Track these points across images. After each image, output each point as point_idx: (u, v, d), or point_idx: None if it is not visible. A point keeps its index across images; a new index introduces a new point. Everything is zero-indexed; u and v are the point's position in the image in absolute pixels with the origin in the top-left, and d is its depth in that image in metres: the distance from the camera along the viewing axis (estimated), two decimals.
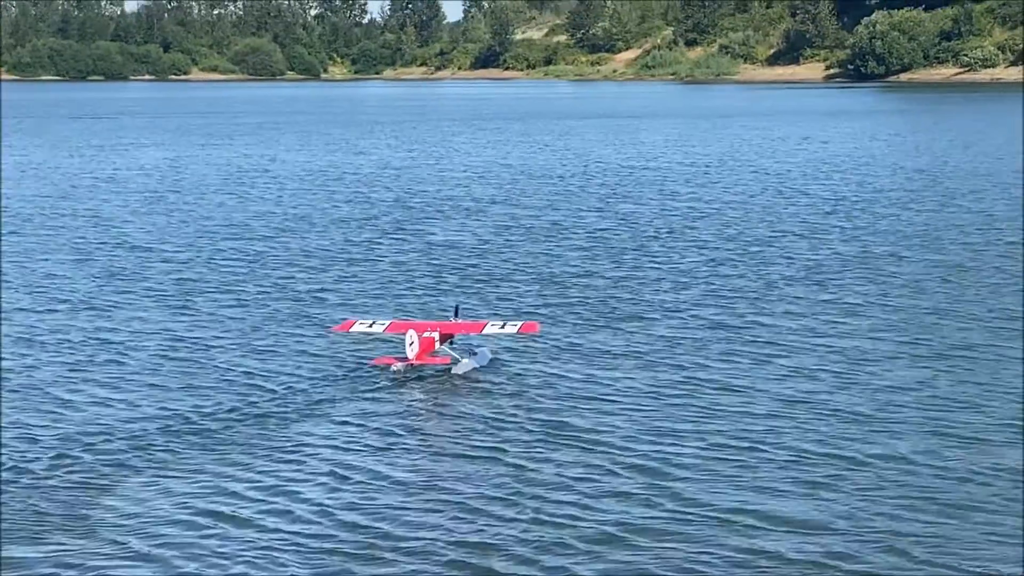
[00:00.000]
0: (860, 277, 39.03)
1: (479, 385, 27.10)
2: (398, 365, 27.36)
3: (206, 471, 22.00)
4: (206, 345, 31.19)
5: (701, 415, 24.86)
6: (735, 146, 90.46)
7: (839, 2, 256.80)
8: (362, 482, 21.45)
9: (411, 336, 27.09)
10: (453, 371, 27.69)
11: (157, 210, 57.32)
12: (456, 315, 29.32)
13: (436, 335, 27.80)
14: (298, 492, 21.02)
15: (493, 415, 25.01)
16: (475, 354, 28.64)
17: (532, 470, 21.85)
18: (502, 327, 27.98)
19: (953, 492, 20.66)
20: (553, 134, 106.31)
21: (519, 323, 28.53)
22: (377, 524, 19.67)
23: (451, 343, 28.51)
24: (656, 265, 41.98)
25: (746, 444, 22.98)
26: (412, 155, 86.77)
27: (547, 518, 19.76)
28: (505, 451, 22.87)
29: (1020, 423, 24.08)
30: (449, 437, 23.86)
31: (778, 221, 51.94)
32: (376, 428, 24.21)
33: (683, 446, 22.98)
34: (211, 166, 79.05)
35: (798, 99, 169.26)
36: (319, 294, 37.46)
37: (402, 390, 26.69)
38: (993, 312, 33.88)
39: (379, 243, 47.66)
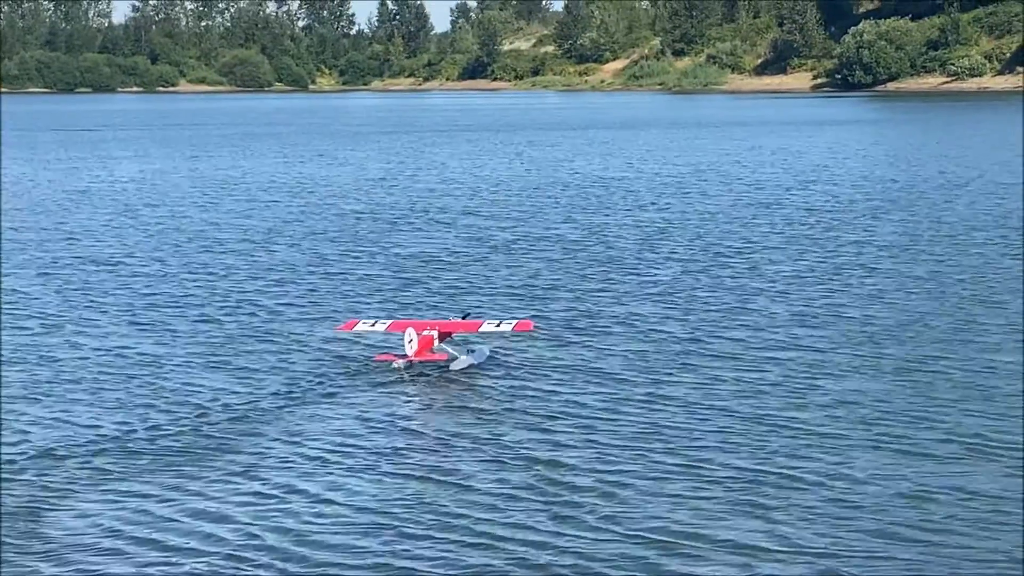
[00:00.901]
0: (825, 289, 38.59)
1: (473, 380, 28.35)
2: (399, 362, 28.63)
3: (216, 467, 22.79)
4: (210, 344, 32.34)
5: (650, 432, 24.46)
6: (706, 157, 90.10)
7: (826, 12, 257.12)
8: (364, 467, 22.65)
9: (410, 334, 28.37)
10: (451, 367, 28.90)
11: (130, 221, 56.86)
12: (465, 318, 31.06)
13: (435, 333, 29.09)
14: (302, 484, 21.85)
15: (484, 407, 26.26)
16: (473, 352, 29.71)
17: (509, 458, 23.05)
18: (498, 326, 29.30)
19: (907, 513, 20.21)
20: (528, 145, 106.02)
21: (514, 322, 29.76)
22: (378, 514, 20.47)
23: (450, 341, 29.74)
24: (612, 279, 41.52)
25: (696, 463, 22.57)
26: (393, 166, 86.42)
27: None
28: (486, 441, 24.02)
29: (979, 439, 23.65)
30: (440, 429, 25.01)
31: (742, 231, 51.46)
32: (376, 420, 25.37)
33: (632, 466, 22.59)
34: (204, 178, 78.66)
35: (781, 109, 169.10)
36: (319, 297, 38.49)
37: (402, 385, 28.01)
38: (957, 325, 33.41)
39: (371, 250, 48.14)
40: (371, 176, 79.29)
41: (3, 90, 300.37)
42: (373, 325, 30.25)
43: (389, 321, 30.71)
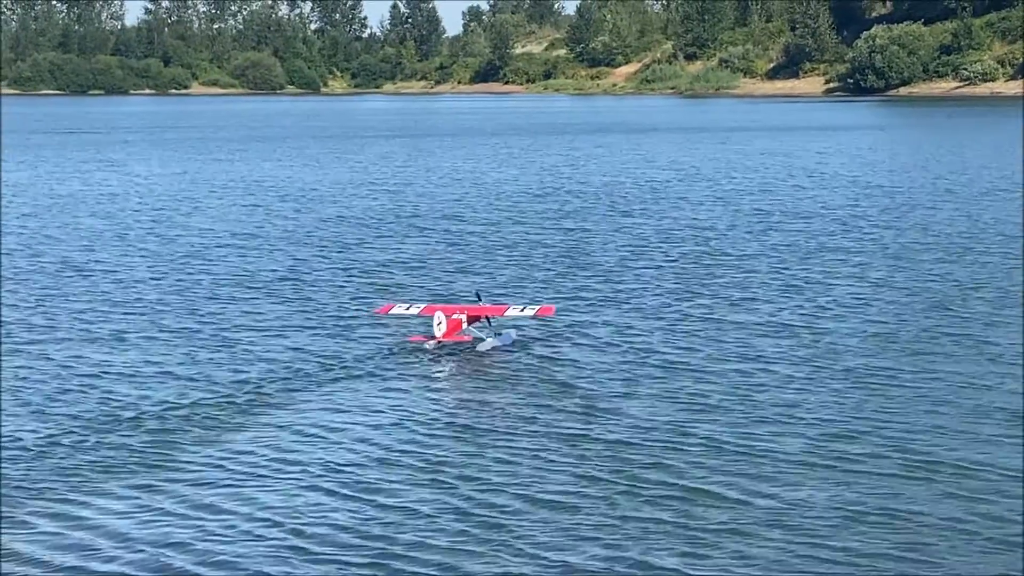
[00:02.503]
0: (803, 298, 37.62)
1: (498, 359, 30.24)
2: (430, 342, 30.79)
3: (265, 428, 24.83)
4: (248, 327, 34.27)
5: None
6: (700, 161, 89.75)
7: (838, 16, 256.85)
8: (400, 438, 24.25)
9: (439, 317, 30.69)
10: (477, 348, 30.86)
11: (155, 219, 56.75)
12: (479, 299, 32.92)
13: (464, 317, 31.26)
14: (336, 457, 23.17)
15: (507, 385, 28.07)
16: (500, 335, 31.62)
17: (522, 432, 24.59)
18: (522, 310, 31.56)
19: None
20: (527, 150, 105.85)
21: (536, 307, 31.91)
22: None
23: (479, 324, 31.71)
24: (633, 271, 41.95)
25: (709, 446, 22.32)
26: (410, 169, 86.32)
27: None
28: (499, 415, 25.81)
29: (938, 461, 22.56)
30: (462, 404, 26.85)
31: (719, 238, 50.73)
32: (407, 393, 27.39)
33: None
34: (247, 180, 78.57)
35: (792, 113, 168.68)
36: (359, 283, 41.14)
37: (432, 363, 30.11)
38: (925, 336, 32.14)
39: (403, 239, 51.14)
40: (401, 178, 79.17)
41: (14, 92, 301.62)
42: (407, 309, 32.37)
43: (422, 305, 32.70)
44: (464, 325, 31.31)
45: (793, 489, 21.08)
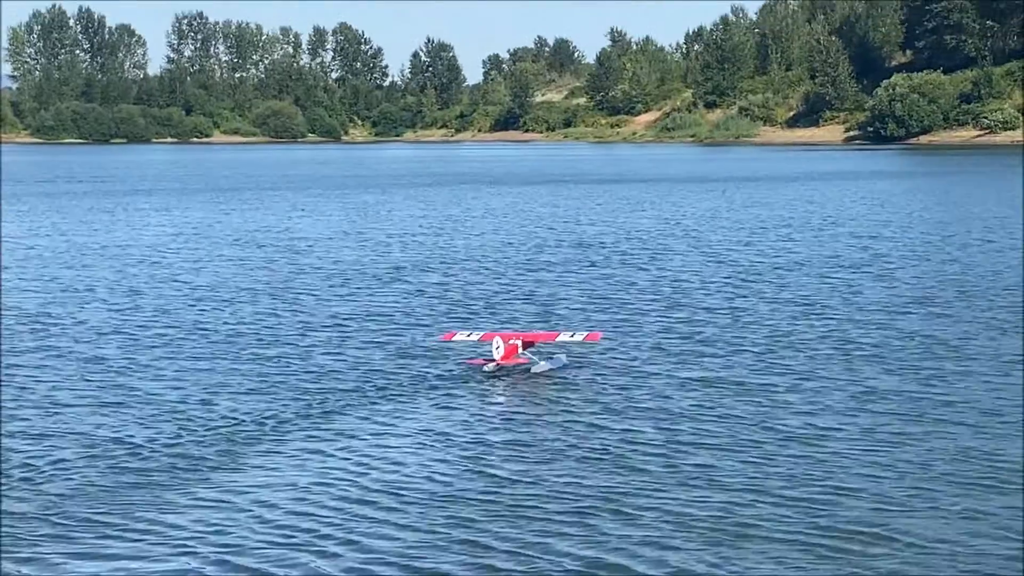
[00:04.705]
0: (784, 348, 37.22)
1: (551, 381, 32.91)
2: (489, 365, 33.50)
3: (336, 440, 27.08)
4: (328, 354, 36.85)
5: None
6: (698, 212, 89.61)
7: (858, 64, 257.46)
8: (461, 449, 26.38)
9: (497, 342, 33.56)
10: (532, 370, 33.61)
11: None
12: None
13: (519, 342, 34.02)
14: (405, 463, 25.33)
15: (558, 402, 30.60)
16: (551, 358, 34.49)
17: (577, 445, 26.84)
18: (572, 336, 34.85)
19: None
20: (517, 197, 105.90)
21: (584, 333, 35.37)
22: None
23: (532, 349, 34.62)
24: (679, 303, 42.08)
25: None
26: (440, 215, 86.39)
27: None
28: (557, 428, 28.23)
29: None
30: (523, 420, 29.02)
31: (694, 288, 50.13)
32: (469, 410, 29.84)
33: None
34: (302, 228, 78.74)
35: (805, 162, 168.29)
36: (424, 313, 44.01)
37: (491, 383, 32.80)
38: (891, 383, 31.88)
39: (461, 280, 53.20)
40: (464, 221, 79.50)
41: (37, 141, 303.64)
42: (468, 335, 35.58)
43: (481, 333, 35.75)
44: (519, 349, 33.98)
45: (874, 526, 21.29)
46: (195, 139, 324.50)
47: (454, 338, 35.79)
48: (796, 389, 31.08)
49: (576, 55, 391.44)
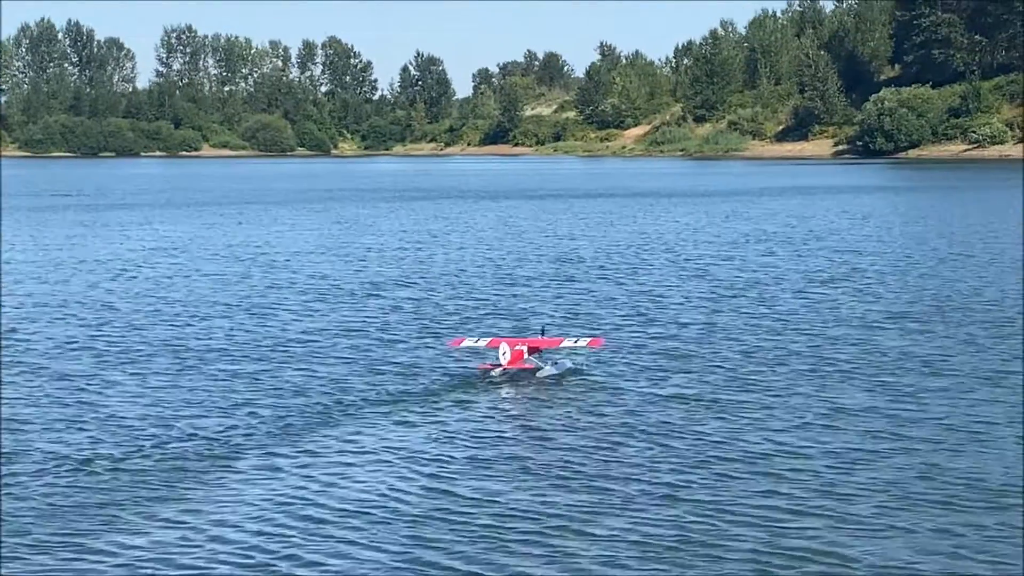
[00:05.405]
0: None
1: (555, 384, 34.21)
2: (497, 370, 34.67)
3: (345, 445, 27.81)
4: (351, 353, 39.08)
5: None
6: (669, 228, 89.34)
7: (847, 79, 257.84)
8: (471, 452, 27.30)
9: (504, 348, 34.52)
10: (538, 375, 34.85)
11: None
12: (543, 333, 37.03)
13: (525, 348, 35.07)
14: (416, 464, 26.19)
15: (564, 405, 31.83)
16: (556, 364, 35.57)
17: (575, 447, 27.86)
18: (576, 342, 35.55)
19: None
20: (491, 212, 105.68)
21: (588, 339, 36.09)
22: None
23: (538, 354, 35.57)
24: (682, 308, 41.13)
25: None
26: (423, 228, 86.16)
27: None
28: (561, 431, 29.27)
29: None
30: (530, 423, 30.25)
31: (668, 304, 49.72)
32: (478, 412, 31.13)
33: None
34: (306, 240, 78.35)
35: (792, 176, 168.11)
36: (432, 319, 45.41)
37: (499, 387, 34.02)
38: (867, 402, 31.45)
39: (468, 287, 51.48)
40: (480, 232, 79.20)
41: (26, 154, 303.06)
42: (476, 341, 36.56)
43: (488, 338, 36.73)
44: (525, 355, 35.06)
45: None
46: (184, 152, 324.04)
47: (462, 344, 36.82)
48: (768, 406, 30.71)
49: (566, 69, 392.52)
